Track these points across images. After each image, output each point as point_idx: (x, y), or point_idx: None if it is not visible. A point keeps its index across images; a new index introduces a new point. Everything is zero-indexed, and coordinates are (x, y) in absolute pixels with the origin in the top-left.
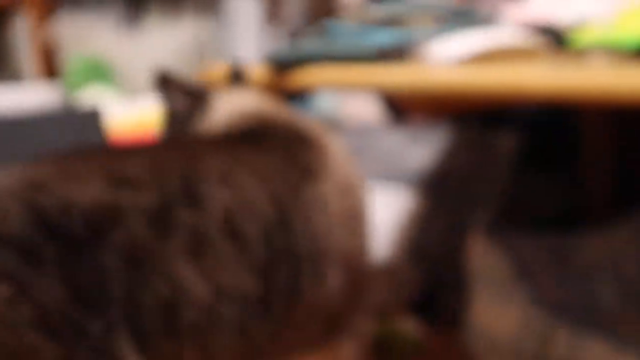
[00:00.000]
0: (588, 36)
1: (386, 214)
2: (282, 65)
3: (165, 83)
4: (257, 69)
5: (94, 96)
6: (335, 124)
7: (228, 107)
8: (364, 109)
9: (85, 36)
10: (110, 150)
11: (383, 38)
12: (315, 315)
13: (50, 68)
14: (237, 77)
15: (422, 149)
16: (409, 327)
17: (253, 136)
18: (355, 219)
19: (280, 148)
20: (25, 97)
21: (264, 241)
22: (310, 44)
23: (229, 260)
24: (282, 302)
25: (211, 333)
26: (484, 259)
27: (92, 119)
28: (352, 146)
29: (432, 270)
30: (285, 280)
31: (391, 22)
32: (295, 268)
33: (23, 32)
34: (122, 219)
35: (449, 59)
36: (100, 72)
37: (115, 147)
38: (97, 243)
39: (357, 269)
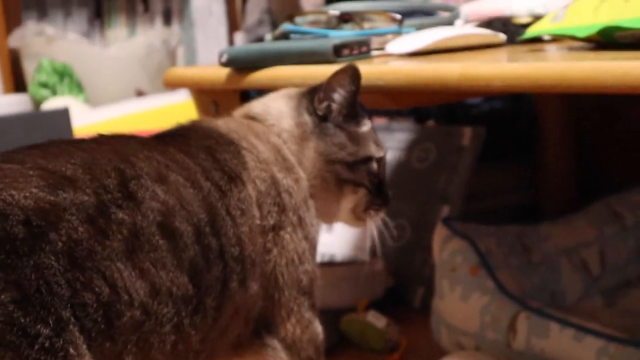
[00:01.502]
0: (541, 27)
1: None
2: (238, 65)
3: None
4: (214, 70)
5: (61, 105)
6: None
7: None
8: None
9: (51, 46)
10: (46, 148)
11: (339, 36)
12: (241, 317)
13: (18, 78)
14: None
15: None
16: (380, 321)
17: (180, 138)
18: (270, 217)
19: (205, 151)
20: None
21: (197, 242)
22: (267, 44)
23: (165, 259)
24: (213, 303)
25: (149, 332)
26: (448, 250)
27: (61, 118)
28: None
29: (399, 264)
30: (216, 282)
31: (348, 21)
32: (224, 270)
33: None
34: (61, 219)
35: (404, 51)
36: (67, 80)
37: (51, 145)
38: (38, 245)
39: (277, 274)
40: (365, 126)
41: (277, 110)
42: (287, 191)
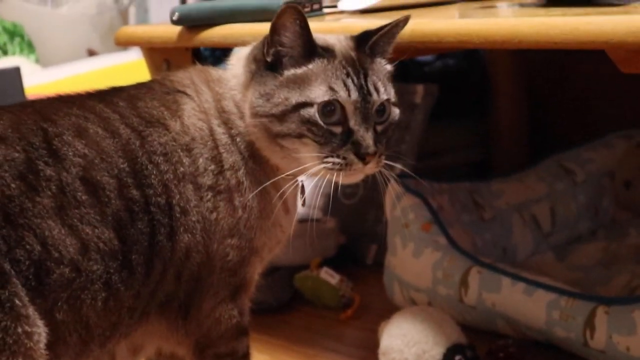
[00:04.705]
0: None
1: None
2: (190, 23)
3: None
4: (166, 28)
5: (12, 64)
6: None
7: None
8: None
9: (2, 5)
10: None
11: None
12: (170, 274)
13: None
14: None
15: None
16: (333, 278)
17: (112, 90)
18: (207, 175)
19: (126, 99)
20: None
21: (120, 195)
22: (219, 2)
23: (89, 215)
24: (140, 258)
25: (79, 290)
26: (401, 207)
27: (12, 77)
28: None
29: (352, 222)
30: (142, 236)
31: None
32: (150, 223)
33: None
34: None
35: (356, 9)
36: (18, 40)
37: None
38: None
39: (210, 228)
40: (312, 65)
41: (241, 54)
42: (225, 148)
